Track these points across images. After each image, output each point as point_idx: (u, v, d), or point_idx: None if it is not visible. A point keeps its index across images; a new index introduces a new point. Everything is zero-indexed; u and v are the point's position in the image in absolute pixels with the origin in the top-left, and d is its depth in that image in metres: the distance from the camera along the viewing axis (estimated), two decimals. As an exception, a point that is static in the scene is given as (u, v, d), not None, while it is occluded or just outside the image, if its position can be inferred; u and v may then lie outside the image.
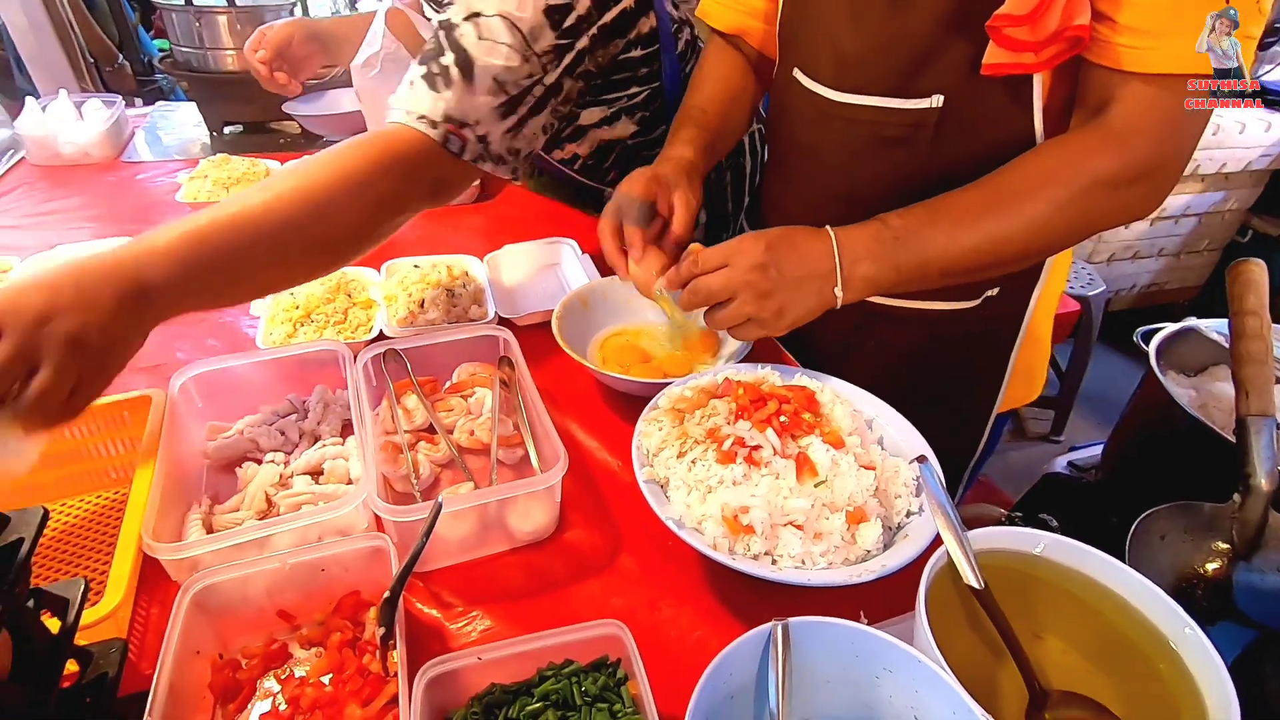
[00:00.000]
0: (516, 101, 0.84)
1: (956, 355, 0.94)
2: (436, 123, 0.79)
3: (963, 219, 0.71)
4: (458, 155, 0.82)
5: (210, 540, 0.60)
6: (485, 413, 0.80)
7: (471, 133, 0.81)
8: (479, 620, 0.63)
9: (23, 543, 0.41)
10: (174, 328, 0.98)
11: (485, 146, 0.83)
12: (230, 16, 1.52)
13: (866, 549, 0.61)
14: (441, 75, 0.81)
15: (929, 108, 0.75)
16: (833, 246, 0.71)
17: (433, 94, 0.80)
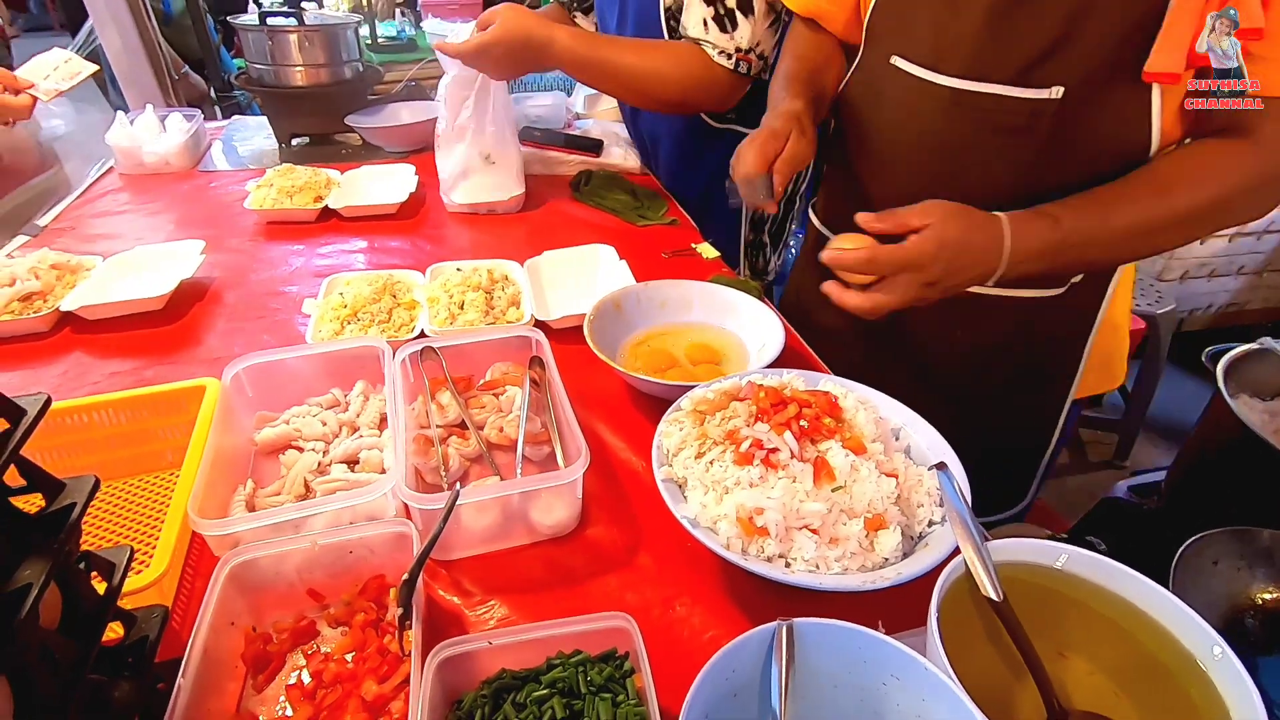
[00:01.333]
0: (779, 12, 1.09)
1: (1038, 341, 0.94)
2: (731, 54, 1.11)
3: (1124, 214, 0.74)
4: (746, 75, 1.14)
5: (249, 519, 0.63)
6: (515, 410, 0.83)
7: (755, 54, 1.12)
8: (497, 609, 0.65)
9: (75, 506, 0.44)
10: (233, 323, 1.05)
11: (765, 61, 1.14)
12: (300, 35, 1.61)
13: (885, 557, 0.60)
14: (728, 16, 1.10)
15: (1048, 99, 0.76)
16: (1004, 246, 0.73)
17: (724, 35, 1.11)
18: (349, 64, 1.73)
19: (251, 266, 1.22)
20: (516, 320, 1.00)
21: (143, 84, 1.90)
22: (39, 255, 1.10)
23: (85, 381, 0.93)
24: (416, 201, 1.45)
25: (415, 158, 1.70)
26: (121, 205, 1.45)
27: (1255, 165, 0.72)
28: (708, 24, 1.10)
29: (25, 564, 0.40)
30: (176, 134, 1.62)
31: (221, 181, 1.57)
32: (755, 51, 1.12)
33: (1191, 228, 0.76)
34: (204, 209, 1.45)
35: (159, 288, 1.06)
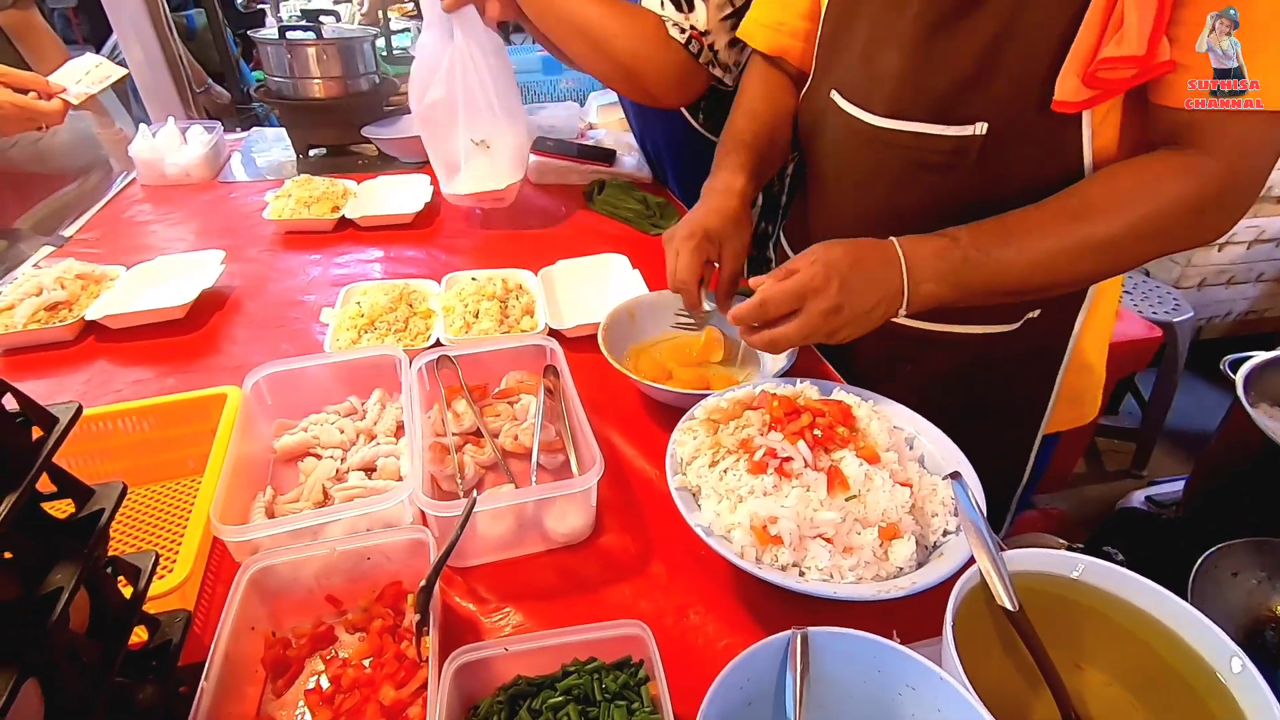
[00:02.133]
0: (742, 13, 1.04)
1: (998, 378, 0.91)
2: (685, 30, 1.10)
3: (1033, 238, 0.70)
4: (695, 56, 1.11)
5: (269, 525, 0.64)
6: (530, 419, 0.83)
7: (707, 41, 1.10)
8: (512, 616, 0.65)
9: (103, 512, 0.46)
10: (252, 331, 1.07)
11: (715, 55, 1.12)
12: (317, 48, 1.64)
13: (899, 566, 0.60)
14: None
15: (972, 135, 0.74)
16: (901, 268, 0.71)
17: (679, 13, 1.09)
18: (365, 76, 1.75)
19: (270, 276, 1.24)
20: (531, 329, 1.01)
21: (164, 97, 1.94)
22: (64, 265, 1.12)
23: (108, 389, 0.95)
24: (431, 211, 1.47)
25: (430, 168, 1.72)
26: (144, 216, 1.48)
27: (1195, 182, 0.67)
28: (665, 2, 1.09)
29: (56, 568, 0.41)
30: (197, 146, 1.65)
31: (240, 192, 1.60)
32: (708, 39, 1.09)
33: (1117, 252, 0.70)
34: (223, 219, 1.47)
35: (180, 297, 1.08)
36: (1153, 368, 2.18)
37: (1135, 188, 0.68)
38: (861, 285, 0.70)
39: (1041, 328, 0.87)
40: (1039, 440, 0.97)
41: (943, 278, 0.71)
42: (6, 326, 1.01)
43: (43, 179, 1.71)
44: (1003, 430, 0.95)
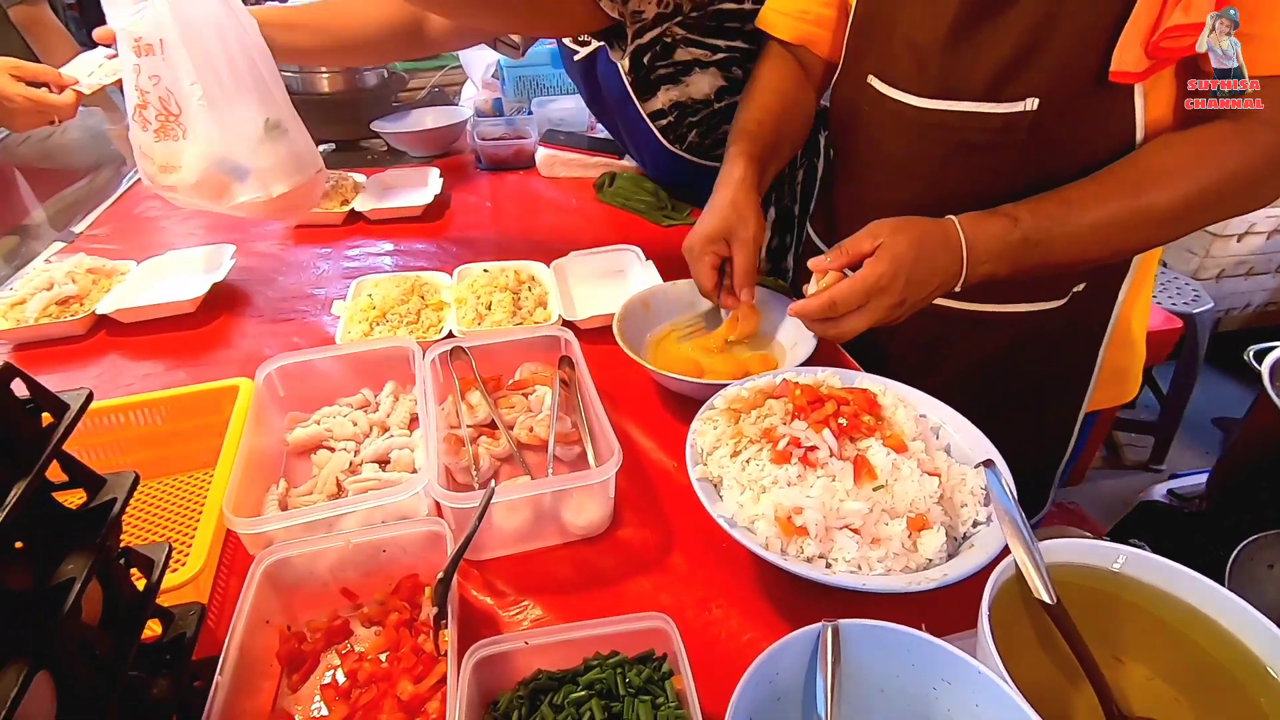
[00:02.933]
0: None
1: (1043, 355, 0.91)
2: None
3: (1091, 213, 0.71)
4: None
5: (283, 517, 0.63)
6: (545, 410, 0.82)
7: None
8: (530, 609, 0.64)
9: (115, 502, 0.44)
10: (263, 325, 1.06)
11: None
12: (326, 42, 1.62)
13: (928, 558, 0.58)
14: None
15: (1022, 111, 0.74)
16: (962, 251, 0.72)
17: None
18: (374, 71, 1.74)
19: (280, 270, 1.23)
20: (544, 320, 1.00)
21: (174, 93, 1.94)
22: (75, 260, 1.11)
23: (120, 383, 0.94)
24: (441, 204, 1.46)
25: (440, 161, 1.71)
26: (154, 211, 1.47)
27: (1251, 151, 0.67)
28: None
29: (68, 559, 0.40)
30: (206, 141, 1.64)
31: (250, 187, 1.59)
32: None
33: (1176, 223, 0.71)
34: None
35: (191, 291, 1.07)
36: (1171, 360, 2.14)
37: (1192, 158, 0.69)
38: (924, 276, 0.72)
39: (1086, 301, 0.87)
40: (1081, 417, 0.96)
41: (1000, 257, 0.72)
42: (18, 321, 1.00)
43: (53, 175, 1.71)
44: (1046, 408, 0.96)
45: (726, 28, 1.14)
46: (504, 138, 1.71)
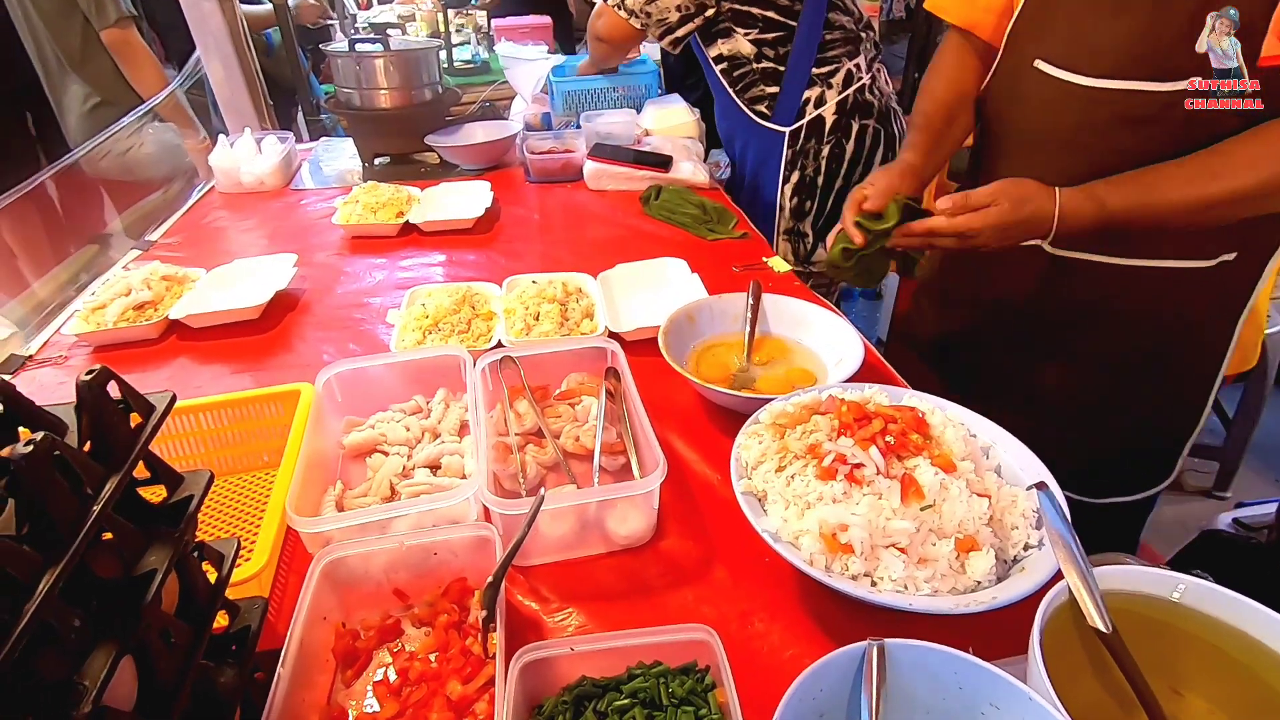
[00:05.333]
0: None
1: (1186, 314, 0.96)
2: None
3: (1170, 195, 0.81)
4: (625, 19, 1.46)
5: (341, 518, 0.66)
6: (591, 420, 0.83)
7: None
8: (574, 617, 0.65)
9: (192, 498, 0.47)
10: (322, 331, 1.11)
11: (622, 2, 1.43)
12: (385, 60, 1.69)
13: (977, 580, 0.58)
14: None
15: (1183, 90, 0.79)
16: (1051, 225, 0.85)
17: None
18: (429, 86, 1.80)
19: (338, 279, 1.28)
20: (590, 332, 1.01)
21: (242, 109, 2.04)
22: (151, 268, 1.18)
23: (190, 384, 0.99)
24: (491, 216, 1.50)
25: (490, 174, 1.75)
26: (221, 221, 1.55)
27: None
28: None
29: (150, 551, 0.43)
30: (271, 155, 1.72)
31: (310, 199, 1.66)
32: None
33: (1249, 205, 0.80)
34: (294, 225, 1.53)
35: (255, 298, 1.12)
36: (1239, 381, 2.05)
37: (1269, 146, 0.76)
38: (1027, 219, 0.85)
39: (1234, 271, 0.92)
40: (1218, 385, 1.01)
41: (1084, 233, 0.86)
42: (98, 324, 1.07)
43: (130, 187, 1.81)
44: (1185, 372, 1.01)
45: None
46: (552, 151, 1.74)
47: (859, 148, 1.52)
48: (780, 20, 1.42)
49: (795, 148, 1.51)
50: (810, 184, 1.54)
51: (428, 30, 3.45)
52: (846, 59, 1.48)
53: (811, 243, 1.61)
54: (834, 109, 1.48)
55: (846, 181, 1.55)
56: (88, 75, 2.08)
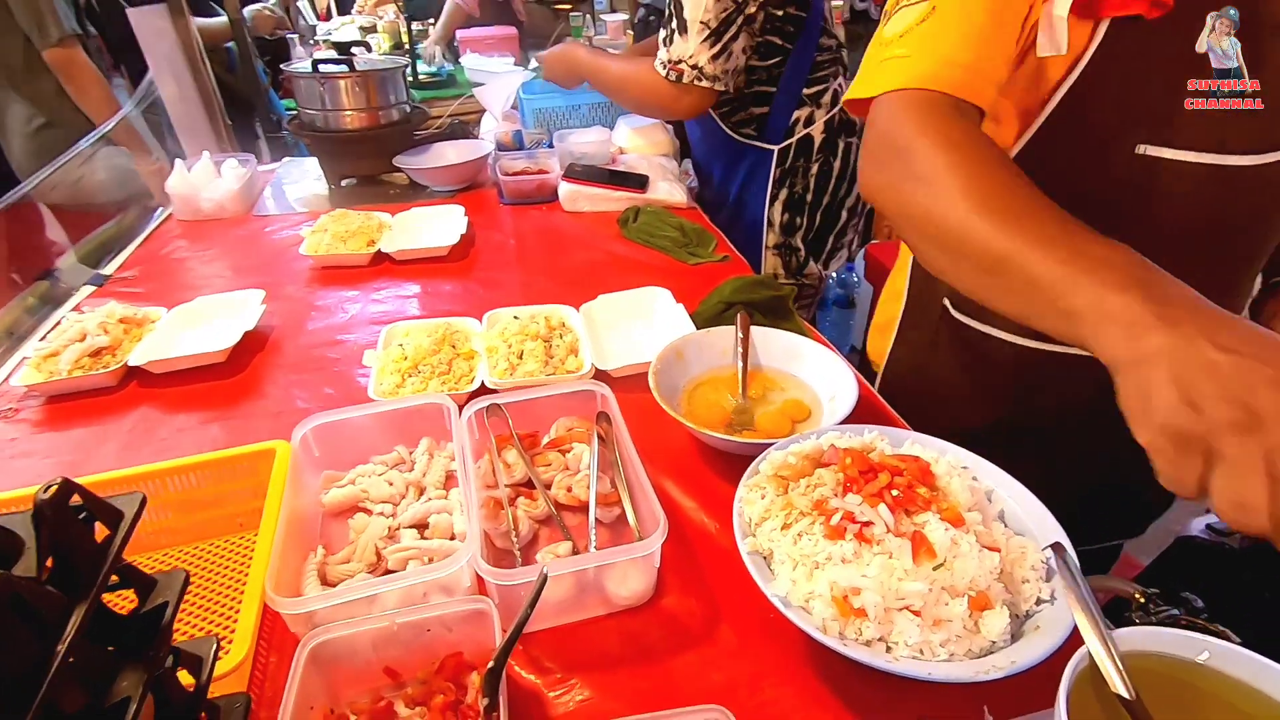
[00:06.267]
0: (721, 33, 1.29)
1: None
2: (665, 64, 1.35)
3: None
4: (678, 81, 1.34)
5: (327, 596, 0.62)
6: (583, 469, 0.81)
7: (686, 64, 1.32)
8: (578, 690, 0.62)
9: (166, 606, 0.43)
10: (294, 374, 1.06)
11: (700, 71, 1.32)
12: (350, 81, 1.64)
13: (992, 640, 0.56)
14: (669, 36, 1.32)
15: None
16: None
17: (665, 49, 1.34)
18: (397, 106, 1.75)
19: (308, 315, 1.23)
20: (576, 369, 0.98)
21: (198, 131, 1.96)
22: (107, 310, 1.12)
23: (154, 437, 0.94)
24: (466, 242, 1.46)
25: (462, 196, 1.71)
26: (181, 252, 1.48)
27: None
28: (663, 42, 1.35)
29: (123, 675, 0.39)
30: (231, 179, 1.66)
31: (275, 226, 1.60)
32: (686, 63, 1.32)
33: None
34: (259, 255, 1.47)
35: (222, 340, 1.07)
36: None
37: None
38: None
39: None
40: None
41: None
42: (51, 374, 1.01)
43: (82, 216, 1.73)
44: None
45: None
46: (526, 172, 1.71)
47: (845, 165, 1.54)
48: (780, 45, 1.41)
49: (784, 166, 1.51)
50: (800, 201, 1.55)
51: (390, 42, 3.38)
52: (833, 79, 1.50)
53: (804, 256, 1.61)
54: (822, 128, 1.49)
55: (834, 197, 1.57)
56: (31, 95, 1.99)
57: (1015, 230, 0.56)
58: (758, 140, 1.52)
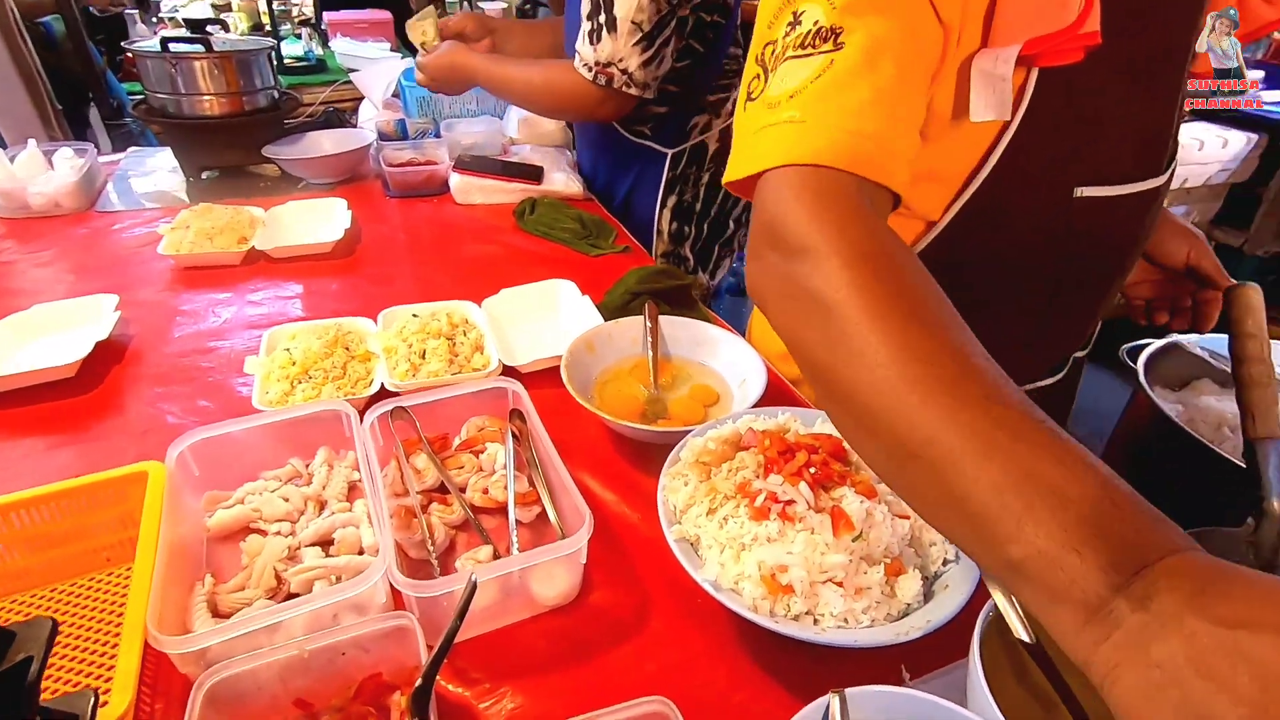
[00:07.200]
0: (654, 37, 1.21)
1: None
2: (591, 66, 1.24)
3: None
4: (606, 86, 1.26)
5: (221, 630, 0.56)
6: (498, 470, 0.78)
7: (615, 68, 1.23)
8: (508, 698, 0.60)
9: (31, 662, 0.37)
10: (161, 387, 0.95)
11: (629, 76, 1.24)
12: (208, 62, 1.49)
13: (907, 602, 0.60)
14: (596, 33, 1.21)
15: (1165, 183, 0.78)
16: None
17: (590, 49, 1.23)
18: (263, 91, 1.62)
19: (174, 320, 1.11)
20: (482, 367, 0.95)
21: (22, 116, 1.71)
22: (-82, 324, 0.95)
23: (-10, 468, 0.81)
24: (352, 238, 1.37)
25: (343, 189, 1.61)
26: (9, 255, 1.29)
27: None
28: (584, 38, 1.24)
29: (-20, 748, 0.33)
30: (67, 171, 1.47)
31: (124, 223, 1.43)
32: (616, 65, 1.23)
33: None
34: (106, 256, 1.31)
35: (69, 353, 0.94)
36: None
37: None
38: None
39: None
40: None
41: None
42: None
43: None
44: None
45: None
46: (413, 163, 1.63)
47: None
48: (696, 48, 1.35)
49: (676, 171, 1.47)
50: (689, 209, 1.51)
51: (249, 23, 3.11)
52: (735, 89, 1.48)
53: (692, 266, 1.60)
54: (718, 136, 1.47)
55: (722, 209, 1.56)
56: None
57: (945, 416, 0.41)
58: (652, 141, 1.46)
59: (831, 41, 0.56)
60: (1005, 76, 0.60)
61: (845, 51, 0.55)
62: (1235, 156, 2.70)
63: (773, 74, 0.59)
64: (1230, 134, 2.65)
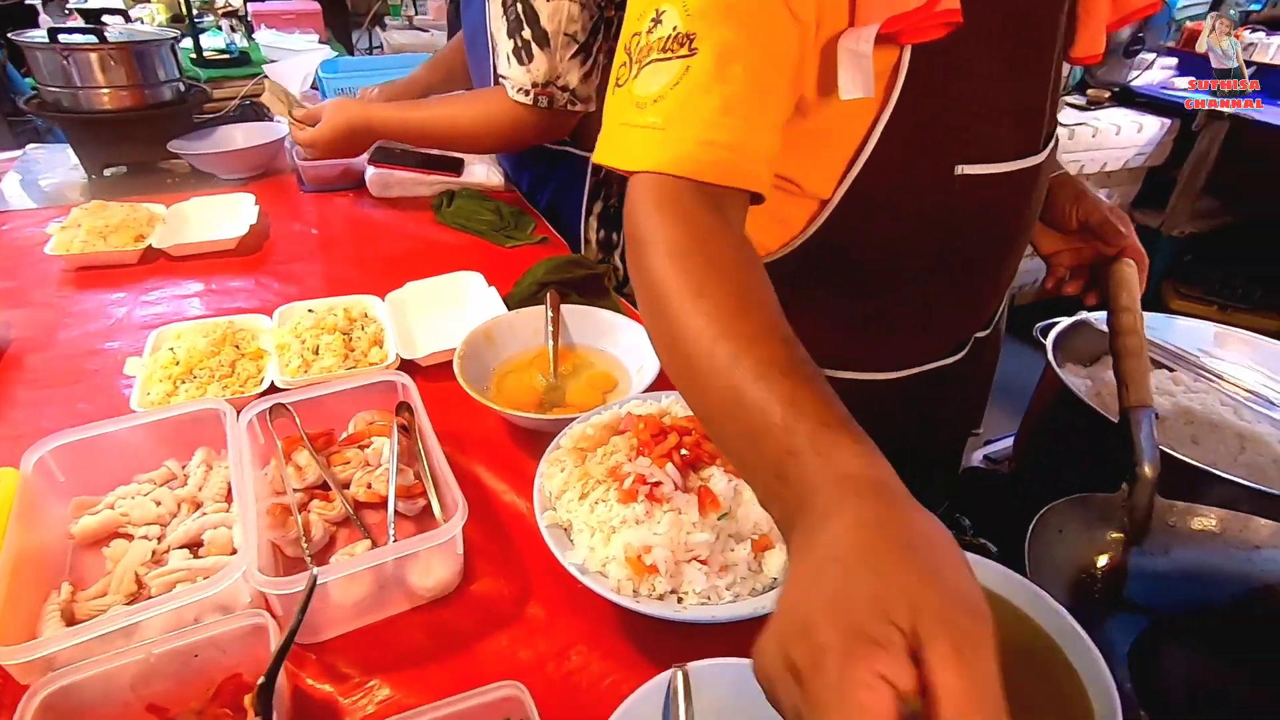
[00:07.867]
0: (589, 46, 1.12)
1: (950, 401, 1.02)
2: (528, 89, 1.13)
3: None
4: (548, 108, 1.15)
5: (66, 635, 0.54)
6: (383, 463, 0.77)
7: (555, 86, 1.12)
8: (377, 690, 0.59)
9: None
10: (40, 393, 0.92)
11: (572, 93, 1.14)
12: (102, 54, 1.43)
13: (774, 576, 0.61)
14: (524, 48, 1.10)
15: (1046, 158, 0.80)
16: None
17: (520, 69, 1.11)
18: (168, 84, 1.56)
19: (60, 323, 1.06)
20: (380, 361, 0.93)
21: (-96, 112, 1.62)
22: None
23: None
24: (259, 234, 1.33)
25: (255, 184, 1.56)
26: (-116, 260, 1.22)
27: None
28: (509, 59, 1.12)
29: None
30: (-47, 170, 1.39)
31: (15, 223, 1.36)
32: (556, 85, 1.13)
33: None
34: (-4, 257, 1.25)
35: (-64, 359, 0.90)
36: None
37: None
38: None
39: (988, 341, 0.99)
40: None
41: None
42: None
43: None
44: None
45: None
46: (328, 156, 1.58)
47: None
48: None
49: (599, 176, 1.41)
50: (616, 215, 1.45)
51: (168, 14, 2.99)
52: None
53: (623, 274, 1.49)
54: None
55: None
56: None
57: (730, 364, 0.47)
58: (571, 146, 1.39)
59: (686, 47, 0.58)
60: (867, 54, 0.61)
61: (699, 58, 0.57)
62: (1150, 141, 2.80)
63: (640, 70, 0.61)
64: (1145, 119, 2.76)
